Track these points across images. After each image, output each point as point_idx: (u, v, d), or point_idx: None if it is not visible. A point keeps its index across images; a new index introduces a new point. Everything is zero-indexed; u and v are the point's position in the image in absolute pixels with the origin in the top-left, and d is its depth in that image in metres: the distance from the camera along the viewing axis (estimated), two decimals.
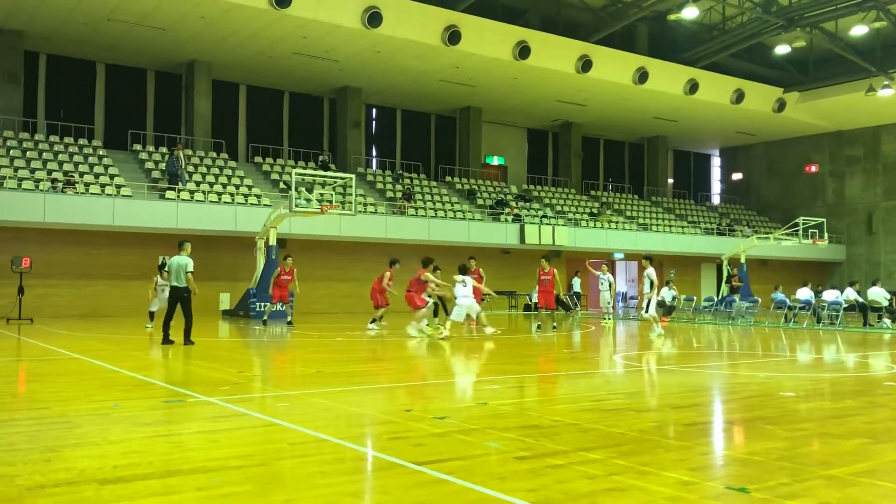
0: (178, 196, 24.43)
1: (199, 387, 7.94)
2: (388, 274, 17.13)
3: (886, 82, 32.35)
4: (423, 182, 32.91)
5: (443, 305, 18.85)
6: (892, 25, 30.72)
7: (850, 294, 22.64)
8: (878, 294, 22.52)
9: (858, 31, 30.80)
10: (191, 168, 26.66)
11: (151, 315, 17.56)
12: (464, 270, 16.02)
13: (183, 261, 12.99)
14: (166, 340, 12.97)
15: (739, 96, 34.26)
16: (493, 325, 17.30)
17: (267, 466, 4.80)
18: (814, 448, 5.55)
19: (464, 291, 15.56)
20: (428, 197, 31.38)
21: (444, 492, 4.15)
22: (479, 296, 17.23)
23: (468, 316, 16.04)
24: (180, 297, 13.06)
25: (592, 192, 39.00)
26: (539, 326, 18.85)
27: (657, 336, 16.20)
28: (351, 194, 24.29)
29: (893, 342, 16.29)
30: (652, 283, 17.24)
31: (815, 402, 8.03)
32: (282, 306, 20.80)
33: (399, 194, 30.50)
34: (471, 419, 6.32)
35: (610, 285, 23.64)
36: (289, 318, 20.10)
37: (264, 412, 6.83)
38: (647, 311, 17.73)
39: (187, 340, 12.95)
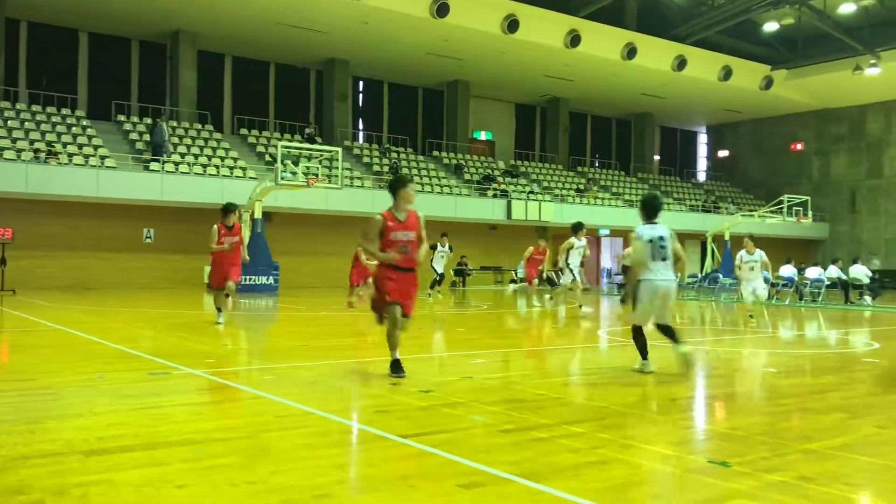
0: (163, 168, 24.23)
1: (185, 359, 7.93)
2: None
3: (873, 61, 32.43)
4: (410, 156, 32.78)
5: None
6: (879, 3, 30.73)
7: (833, 272, 22.88)
8: (859, 272, 22.77)
9: (847, 8, 30.86)
10: (175, 139, 26.41)
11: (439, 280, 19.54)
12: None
13: None
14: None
15: (727, 73, 34.24)
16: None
17: (253, 439, 4.82)
18: (794, 423, 5.63)
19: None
20: (415, 171, 31.28)
21: (429, 464, 4.19)
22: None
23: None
24: None
25: (579, 168, 38.98)
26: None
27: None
28: (337, 168, 24.19)
29: (873, 319, 16.49)
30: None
31: (795, 378, 8.13)
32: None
33: (386, 168, 30.38)
34: (456, 393, 6.36)
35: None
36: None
37: (250, 385, 6.84)
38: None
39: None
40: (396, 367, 7.03)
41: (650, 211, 7.85)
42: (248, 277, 22.56)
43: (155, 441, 4.61)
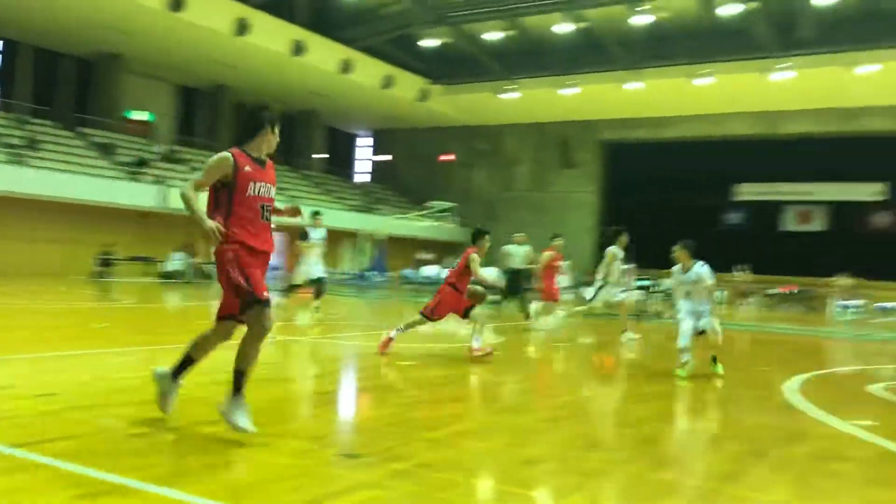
0: None
1: None
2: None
3: (513, 86, 36.47)
4: (52, 130, 29.44)
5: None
6: (520, 35, 34.68)
7: None
8: (490, 273, 25.51)
9: (492, 36, 34.42)
10: None
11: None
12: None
13: None
14: None
15: (389, 82, 36.06)
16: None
17: None
18: (420, 413, 6.13)
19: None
20: (58, 148, 28.18)
21: (43, 477, 3.80)
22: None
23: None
24: None
25: None
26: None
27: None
28: None
29: (502, 316, 18.51)
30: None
31: (426, 370, 8.83)
32: None
33: (24, 141, 26.96)
34: (86, 395, 5.89)
35: None
36: None
37: None
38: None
39: None
40: None
41: None
42: None
43: None
